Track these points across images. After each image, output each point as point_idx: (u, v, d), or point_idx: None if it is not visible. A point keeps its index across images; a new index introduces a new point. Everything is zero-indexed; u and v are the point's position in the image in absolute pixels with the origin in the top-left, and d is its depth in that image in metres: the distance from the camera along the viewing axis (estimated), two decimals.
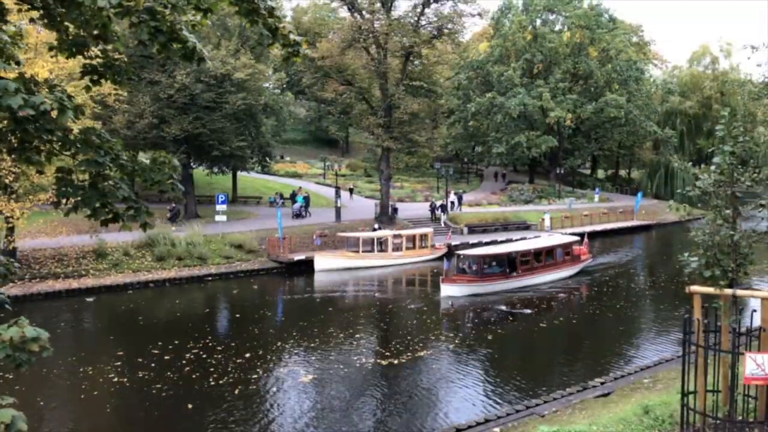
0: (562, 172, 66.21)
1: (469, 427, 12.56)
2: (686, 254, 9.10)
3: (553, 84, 62.25)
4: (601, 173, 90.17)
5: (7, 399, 3.82)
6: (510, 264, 28.79)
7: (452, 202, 51.11)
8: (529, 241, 35.25)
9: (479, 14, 43.20)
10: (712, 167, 9.04)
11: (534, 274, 29.43)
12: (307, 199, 43.45)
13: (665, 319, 23.46)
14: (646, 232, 53.83)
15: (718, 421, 8.45)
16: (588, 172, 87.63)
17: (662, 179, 70.84)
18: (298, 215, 41.53)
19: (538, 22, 68.14)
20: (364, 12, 40.10)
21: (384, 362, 17.84)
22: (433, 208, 46.57)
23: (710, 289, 8.58)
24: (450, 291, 26.70)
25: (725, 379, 8.68)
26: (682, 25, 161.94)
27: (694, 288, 8.67)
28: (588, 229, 49.57)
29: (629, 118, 64.49)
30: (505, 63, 63.84)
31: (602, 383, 14.91)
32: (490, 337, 21.03)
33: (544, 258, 30.15)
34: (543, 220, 47.70)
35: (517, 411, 13.33)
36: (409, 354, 18.61)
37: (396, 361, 17.89)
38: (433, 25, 40.92)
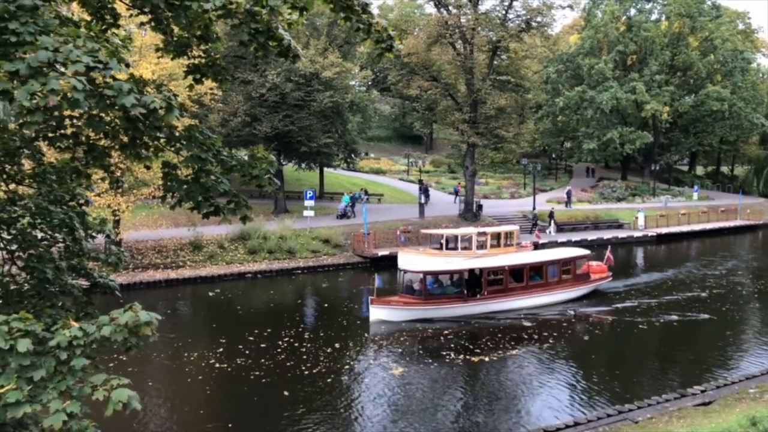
0: (658, 168, 62.95)
1: (558, 429, 12.25)
2: None
3: (648, 76, 59.36)
4: (700, 170, 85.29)
5: (123, 380, 4.09)
6: (472, 283, 23.25)
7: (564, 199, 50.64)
8: (508, 255, 29.24)
9: (570, 6, 42.26)
10: None
11: (509, 296, 23.58)
12: (353, 199, 41.73)
13: None
14: (752, 232, 50.39)
15: None
16: (686, 168, 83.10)
17: None
18: (342, 215, 39.72)
19: (633, 11, 65.21)
20: (450, 7, 39.83)
21: (474, 359, 17.77)
22: (535, 222, 40.88)
23: None
24: (381, 315, 21.56)
25: None
26: None
27: None
28: (686, 228, 47.17)
29: (733, 112, 60.43)
30: (596, 55, 61.57)
31: (702, 391, 14.12)
32: (586, 338, 20.55)
33: (526, 276, 24.23)
34: (636, 218, 45.75)
35: (609, 415, 12.86)
36: (500, 351, 18.52)
37: (486, 359, 17.79)
38: (522, 19, 40.03)
